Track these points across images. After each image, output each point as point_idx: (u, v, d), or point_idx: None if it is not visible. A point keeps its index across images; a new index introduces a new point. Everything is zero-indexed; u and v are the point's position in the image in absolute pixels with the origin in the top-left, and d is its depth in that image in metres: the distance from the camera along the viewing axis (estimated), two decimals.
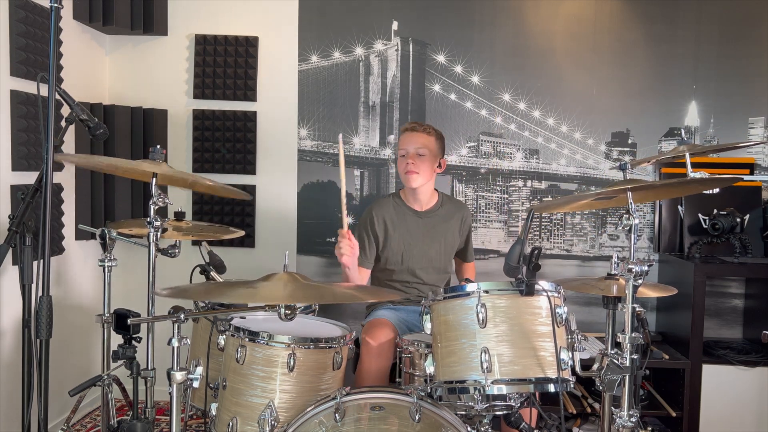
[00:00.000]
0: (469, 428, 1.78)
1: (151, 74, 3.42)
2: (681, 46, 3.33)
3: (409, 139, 2.55)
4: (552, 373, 1.71)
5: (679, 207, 3.27)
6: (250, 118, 3.39)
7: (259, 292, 1.60)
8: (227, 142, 3.39)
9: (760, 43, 3.30)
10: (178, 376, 1.62)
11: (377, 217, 2.59)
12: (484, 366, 1.69)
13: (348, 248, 2.31)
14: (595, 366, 1.77)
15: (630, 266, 1.75)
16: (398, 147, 2.62)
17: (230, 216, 3.41)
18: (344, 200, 2.27)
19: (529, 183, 3.43)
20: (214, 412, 1.98)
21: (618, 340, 1.80)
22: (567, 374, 1.76)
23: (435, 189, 2.67)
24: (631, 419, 1.80)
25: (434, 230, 2.62)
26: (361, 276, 2.55)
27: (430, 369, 1.83)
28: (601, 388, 1.75)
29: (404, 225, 2.60)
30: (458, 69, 3.37)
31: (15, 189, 2.56)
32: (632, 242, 1.80)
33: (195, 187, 2.48)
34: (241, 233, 2.53)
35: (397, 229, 2.59)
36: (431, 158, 2.54)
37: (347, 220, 2.32)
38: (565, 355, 1.74)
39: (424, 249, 2.60)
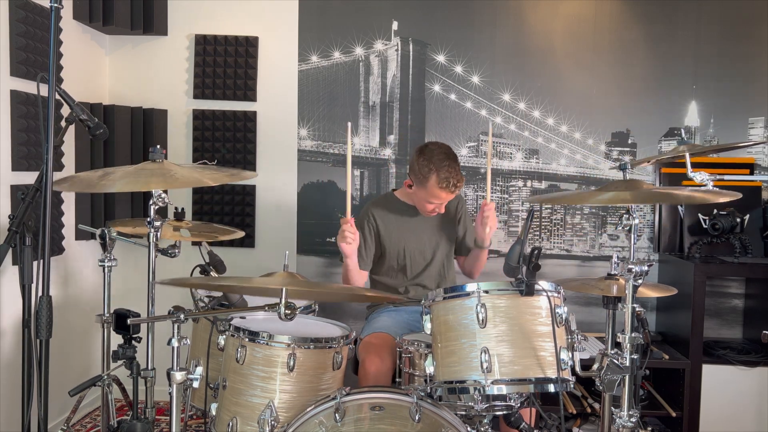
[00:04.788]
0: (469, 428, 1.78)
1: (151, 74, 3.42)
2: (681, 46, 3.33)
3: (447, 197, 2.41)
4: (552, 373, 1.71)
5: (679, 207, 3.27)
6: (250, 118, 3.39)
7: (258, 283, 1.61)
8: (227, 142, 3.39)
9: (760, 43, 3.30)
10: (178, 376, 1.62)
11: (374, 216, 2.57)
12: (484, 366, 1.69)
13: (351, 235, 2.32)
14: (595, 366, 1.77)
15: (630, 266, 1.75)
16: (426, 191, 2.40)
17: (230, 216, 3.41)
18: (350, 187, 2.29)
19: (529, 183, 3.43)
20: (214, 412, 1.98)
21: (618, 340, 1.81)
22: (567, 374, 1.76)
23: None
24: (631, 419, 1.80)
25: (430, 221, 2.61)
26: (361, 276, 2.53)
27: (430, 369, 1.83)
28: (601, 388, 1.75)
29: (400, 221, 2.59)
30: (458, 69, 3.37)
31: (15, 189, 2.56)
32: (632, 242, 1.80)
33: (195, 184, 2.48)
34: (241, 234, 2.53)
35: (394, 227, 2.58)
36: None
37: (350, 207, 2.32)
38: (565, 355, 1.74)
39: (420, 241, 2.59)
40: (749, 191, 3.21)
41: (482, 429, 1.85)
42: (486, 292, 1.75)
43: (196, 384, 1.65)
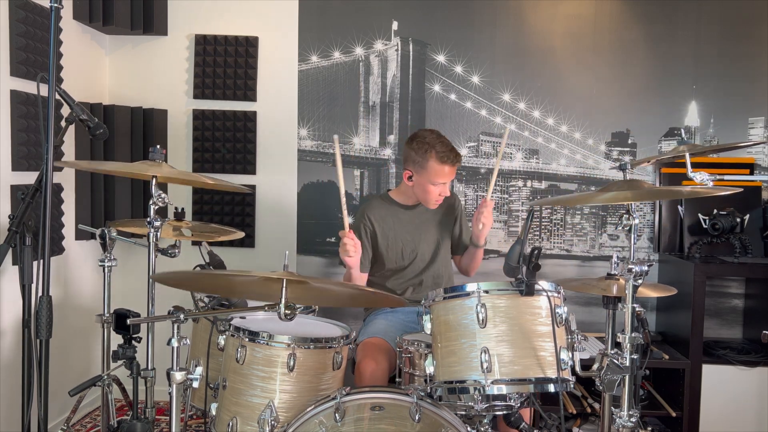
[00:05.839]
0: (469, 428, 1.78)
1: (151, 74, 3.42)
2: (681, 46, 3.33)
3: (449, 173, 2.42)
4: (552, 373, 1.71)
5: (679, 207, 3.27)
6: (250, 118, 3.39)
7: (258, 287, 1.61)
8: (227, 142, 3.39)
9: (760, 43, 3.30)
10: (178, 376, 1.62)
11: (370, 219, 2.57)
12: (484, 366, 1.69)
13: (353, 248, 2.33)
14: (595, 366, 1.77)
15: (630, 266, 1.75)
16: (428, 173, 2.41)
17: (230, 216, 3.41)
18: (344, 200, 2.30)
19: (529, 183, 3.43)
20: (214, 412, 1.98)
21: (618, 340, 1.81)
22: (567, 374, 1.76)
23: None
24: (631, 419, 1.80)
25: (426, 221, 2.61)
26: (362, 280, 2.53)
27: (430, 369, 1.83)
28: (601, 388, 1.75)
29: (397, 222, 2.59)
30: (458, 69, 3.37)
31: (15, 189, 2.56)
32: (632, 242, 1.80)
33: (195, 183, 2.49)
34: (241, 235, 2.53)
35: (391, 228, 2.58)
36: None
37: (348, 220, 2.34)
38: (565, 355, 1.74)
39: (418, 241, 2.59)
40: (749, 191, 3.21)
41: (482, 429, 1.85)
42: (486, 292, 1.75)
43: (196, 384, 1.65)
